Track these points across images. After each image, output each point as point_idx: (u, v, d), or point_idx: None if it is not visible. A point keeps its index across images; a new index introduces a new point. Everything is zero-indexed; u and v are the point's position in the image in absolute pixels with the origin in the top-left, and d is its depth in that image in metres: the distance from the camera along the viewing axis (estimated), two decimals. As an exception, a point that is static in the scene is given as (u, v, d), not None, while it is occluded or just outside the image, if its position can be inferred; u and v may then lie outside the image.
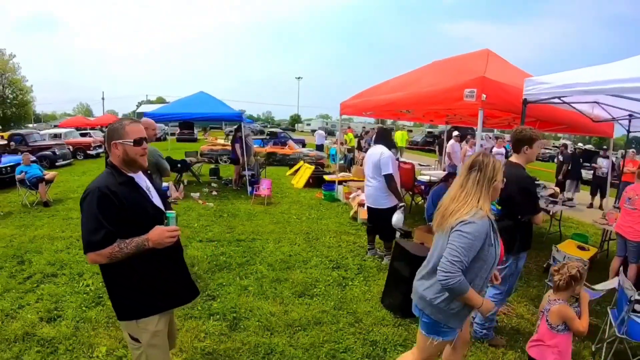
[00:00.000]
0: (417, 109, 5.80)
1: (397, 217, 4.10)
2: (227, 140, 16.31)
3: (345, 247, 4.99)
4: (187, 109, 8.90)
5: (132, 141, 1.71)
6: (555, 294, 2.07)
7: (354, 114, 7.44)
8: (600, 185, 8.84)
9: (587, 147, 17.63)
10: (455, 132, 9.51)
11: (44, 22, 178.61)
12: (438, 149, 13.92)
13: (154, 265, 1.75)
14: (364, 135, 14.20)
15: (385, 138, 4.41)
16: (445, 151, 9.43)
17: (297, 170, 10.74)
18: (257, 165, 9.51)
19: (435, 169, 10.08)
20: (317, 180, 9.27)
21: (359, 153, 12.68)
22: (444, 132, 11.19)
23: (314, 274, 4.08)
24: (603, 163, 8.94)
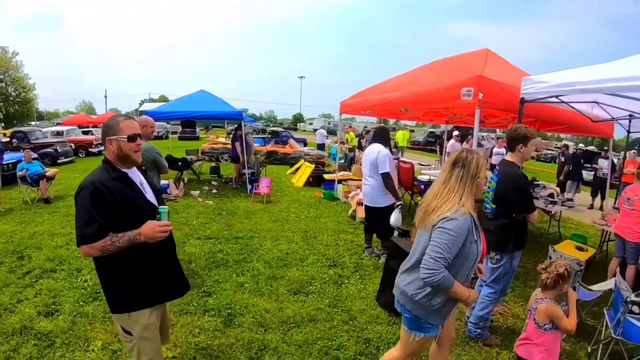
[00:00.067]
0: (415, 108, 5.80)
1: (396, 217, 4.10)
2: (228, 138, 16.34)
3: (343, 246, 5.00)
4: (188, 107, 8.94)
5: (126, 137, 1.74)
6: (542, 293, 2.06)
7: (353, 113, 7.43)
8: (601, 186, 8.79)
9: (590, 149, 17.57)
10: (456, 132, 9.51)
11: (47, 20, 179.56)
12: (439, 148, 13.90)
13: (146, 259, 1.78)
14: (365, 135, 14.18)
15: (382, 137, 4.41)
16: (446, 151, 9.43)
17: (298, 169, 10.76)
18: (257, 164, 9.53)
19: (435, 169, 10.06)
20: (317, 179, 9.28)
21: (359, 152, 12.67)
22: (445, 132, 11.17)
23: (310, 271, 4.09)
24: (604, 164, 8.89)
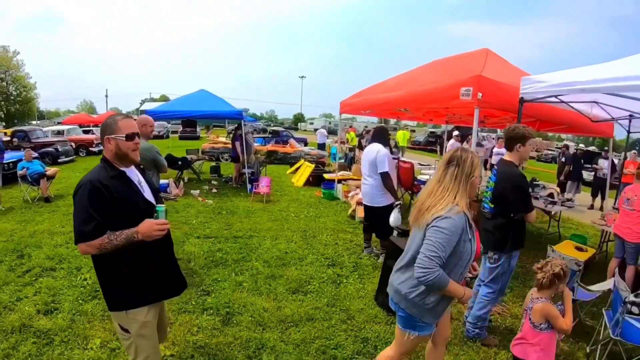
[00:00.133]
0: (414, 108, 5.79)
1: (395, 216, 4.10)
2: (229, 138, 16.35)
3: (342, 245, 5.00)
4: (187, 106, 8.94)
5: (124, 136, 1.75)
6: (538, 292, 2.04)
7: (353, 112, 7.43)
8: (601, 186, 8.76)
9: (591, 149, 17.53)
10: (456, 132, 9.50)
11: (47, 20, 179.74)
12: (439, 148, 13.92)
13: (144, 257, 1.78)
14: (365, 134, 14.18)
15: (381, 136, 4.41)
16: (446, 151, 9.42)
17: (298, 168, 10.76)
18: (257, 163, 9.54)
19: (435, 169, 10.05)
20: (317, 179, 9.28)
21: (360, 152, 12.67)
22: (445, 132, 11.16)
23: (309, 271, 4.09)
24: (604, 164, 8.87)
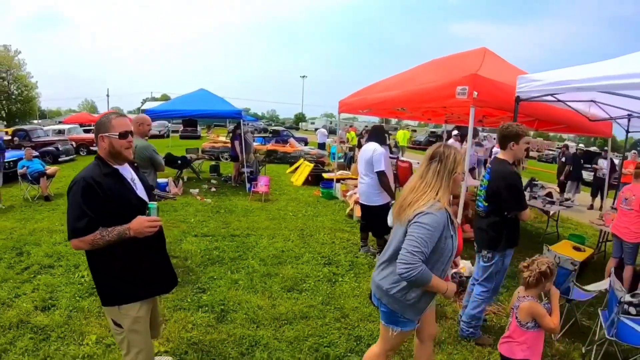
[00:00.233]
0: (412, 107, 5.79)
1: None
2: (229, 137, 16.38)
3: (339, 244, 5.01)
4: (187, 105, 8.95)
5: (118, 134, 1.79)
6: (525, 291, 2.03)
7: (351, 112, 7.43)
8: (601, 186, 8.74)
9: (592, 149, 17.47)
10: (455, 132, 9.44)
11: (48, 19, 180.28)
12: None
13: (135, 254, 1.81)
14: (365, 134, 14.17)
15: (378, 135, 4.42)
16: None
17: (297, 168, 10.77)
18: (256, 163, 9.56)
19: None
20: (316, 178, 9.30)
21: (359, 151, 12.66)
22: (444, 132, 11.13)
23: (304, 269, 4.11)
24: (604, 164, 8.85)
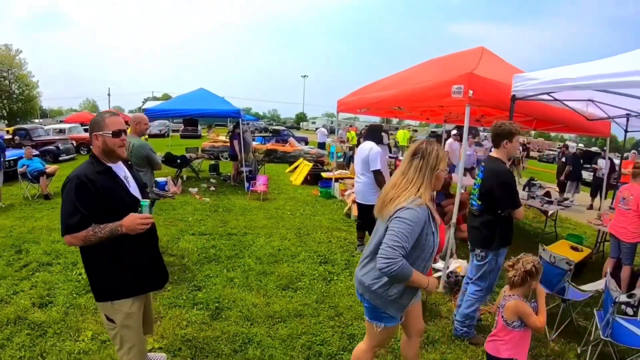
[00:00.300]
0: (409, 107, 5.79)
1: None
2: (228, 137, 16.41)
3: (336, 243, 5.02)
4: (186, 105, 8.98)
5: (111, 133, 1.82)
6: (510, 290, 2.02)
7: (349, 111, 7.44)
8: (601, 186, 8.72)
9: (593, 149, 17.42)
10: (454, 131, 9.44)
11: (49, 19, 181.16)
12: (439, 148, 13.84)
13: (127, 250, 1.84)
14: (364, 134, 14.18)
15: (374, 134, 4.44)
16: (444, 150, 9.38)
17: (297, 167, 10.78)
18: (255, 162, 9.57)
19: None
20: (315, 178, 9.31)
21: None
22: (443, 131, 11.12)
23: (300, 268, 4.12)
24: (603, 164, 8.83)
